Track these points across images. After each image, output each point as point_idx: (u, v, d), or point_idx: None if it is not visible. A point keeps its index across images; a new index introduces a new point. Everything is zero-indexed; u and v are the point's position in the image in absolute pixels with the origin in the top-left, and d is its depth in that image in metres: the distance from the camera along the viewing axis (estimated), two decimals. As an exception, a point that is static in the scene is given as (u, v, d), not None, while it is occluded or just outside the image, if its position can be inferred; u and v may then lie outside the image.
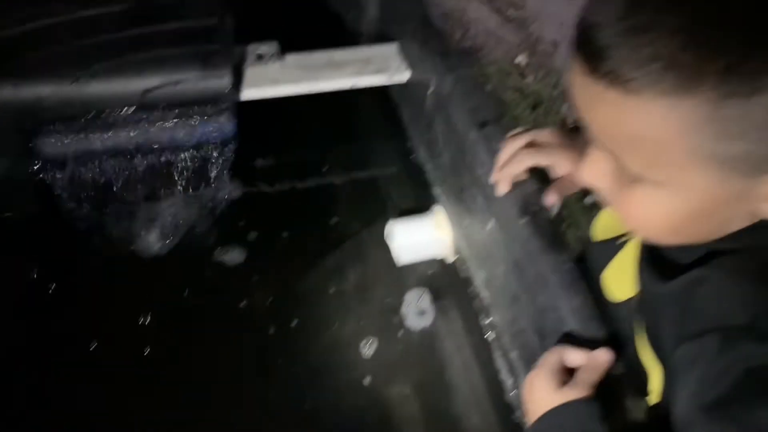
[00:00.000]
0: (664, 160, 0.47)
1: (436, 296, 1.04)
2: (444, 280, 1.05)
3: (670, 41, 0.42)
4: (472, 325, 0.98)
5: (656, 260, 0.58)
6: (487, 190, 0.85)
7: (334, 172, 1.22)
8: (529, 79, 4.16)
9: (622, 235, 0.68)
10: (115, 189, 1.06)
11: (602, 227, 0.73)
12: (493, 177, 0.82)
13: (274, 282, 1.06)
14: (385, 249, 1.04)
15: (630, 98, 0.44)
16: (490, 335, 0.94)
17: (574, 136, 0.76)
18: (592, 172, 0.55)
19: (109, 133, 0.99)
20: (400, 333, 1.01)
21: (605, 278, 0.70)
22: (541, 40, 4.56)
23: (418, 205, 1.11)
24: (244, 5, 1.08)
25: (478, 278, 0.97)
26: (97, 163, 1.02)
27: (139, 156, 1.02)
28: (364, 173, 1.25)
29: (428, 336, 1.01)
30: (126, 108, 0.98)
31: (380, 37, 1.21)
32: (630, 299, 0.65)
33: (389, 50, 1.18)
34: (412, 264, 1.05)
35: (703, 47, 0.42)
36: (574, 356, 0.66)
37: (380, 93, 1.21)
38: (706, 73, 0.42)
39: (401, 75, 1.14)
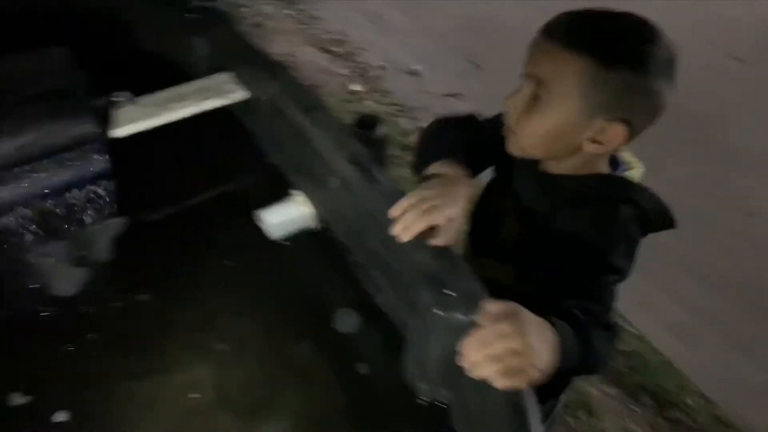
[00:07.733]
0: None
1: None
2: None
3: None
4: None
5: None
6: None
7: (206, 189, 1.41)
8: (368, 102, 4.54)
9: None
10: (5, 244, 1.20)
11: None
12: (395, 231, 0.97)
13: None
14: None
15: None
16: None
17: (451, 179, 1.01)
18: (515, 99, 0.98)
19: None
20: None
21: None
22: (369, 68, 4.99)
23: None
24: (92, 65, 1.28)
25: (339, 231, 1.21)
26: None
27: (24, 206, 1.17)
28: (231, 185, 1.45)
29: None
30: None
31: (213, 69, 1.43)
32: None
33: (225, 78, 1.41)
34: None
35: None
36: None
37: (226, 113, 1.42)
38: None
39: (240, 95, 1.37)
